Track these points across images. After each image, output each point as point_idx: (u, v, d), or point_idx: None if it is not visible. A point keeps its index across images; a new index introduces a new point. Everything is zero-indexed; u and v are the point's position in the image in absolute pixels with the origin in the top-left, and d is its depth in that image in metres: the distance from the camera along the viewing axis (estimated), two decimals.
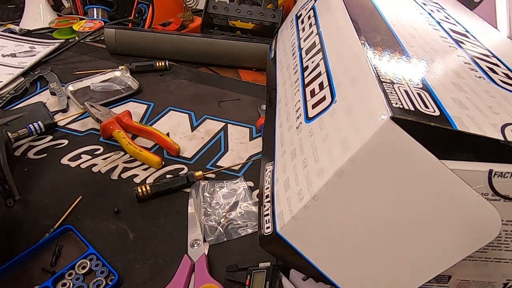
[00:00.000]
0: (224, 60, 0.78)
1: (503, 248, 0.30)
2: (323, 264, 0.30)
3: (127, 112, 0.60)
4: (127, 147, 0.55)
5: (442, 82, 0.31)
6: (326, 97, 0.34)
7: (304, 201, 0.28)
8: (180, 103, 0.67)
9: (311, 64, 0.42)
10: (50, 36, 0.89)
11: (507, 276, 0.33)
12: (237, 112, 0.65)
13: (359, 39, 0.36)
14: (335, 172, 0.27)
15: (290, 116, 0.40)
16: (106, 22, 0.90)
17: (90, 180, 0.51)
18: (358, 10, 0.43)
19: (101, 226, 0.45)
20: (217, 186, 0.50)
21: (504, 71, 0.36)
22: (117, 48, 0.79)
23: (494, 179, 0.26)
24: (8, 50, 0.82)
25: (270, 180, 0.36)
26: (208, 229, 0.44)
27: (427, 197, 0.26)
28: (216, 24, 0.86)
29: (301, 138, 0.35)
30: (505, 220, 0.28)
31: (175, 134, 0.60)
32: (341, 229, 0.29)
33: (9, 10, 1.03)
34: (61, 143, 0.57)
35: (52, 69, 0.74)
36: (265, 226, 0.32)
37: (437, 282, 0.34)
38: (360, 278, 0.30)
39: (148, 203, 0.48)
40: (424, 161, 0.25)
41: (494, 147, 0.25)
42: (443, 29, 0.44)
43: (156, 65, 0.75)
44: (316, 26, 0.48)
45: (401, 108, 0.25)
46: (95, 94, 0.68)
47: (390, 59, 0.33)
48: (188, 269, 0.39)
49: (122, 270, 0.40)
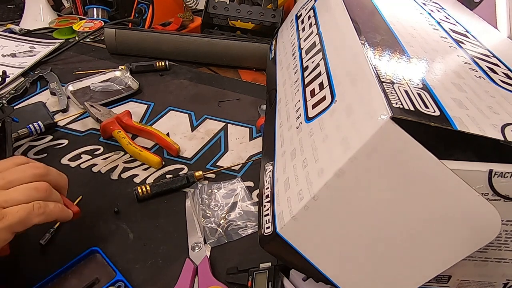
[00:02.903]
0: (224, 60, 0.78)
1: (503, 248, 0.30)
2: (323, 264, 0.30)
3: (127, 112, 0.60)
4: (127, 147, 0.55)
5: (442, 82, 0.31)
6: (326, 97, 0.34)
7: (304, 201, 0.28)
8: (180, 103, 0.67)
9: (311, 64, 0.42)
10: (50, 36, 0.89)
11: (507, 276, 0.33)
12: (237, 112, 0.65)
13: (359, 39, 0.36)
14: (335, 172, 0.27)
15: (290, 116, 0.40)
16: (106, 22, 0.90)
17: (90, 180, 0.51)
18: (358, 10, 0.43)
19: (101, 226, 0.45)
20: (214, 187, 0.50)
21: (504, 71, 0.36)
22: (117, 48, 0.79)
23: (494, 179, 0.26)
24: (8, 50, 0.82)
25: (270, 180, 0.36)
26: (208, 231, 0.44)
27: (427, 197, 0.26)
28: (216, 24, 0.86)
29: (301, 138, 0.35)
30: (505, 220, 0.28)
31: (175, 134, 0.60)
32: (341, 229, 0.29)
33: (9, 10, 1.03)
34: (61, 143, 0.57)
35: (52, 69, 0.74)
36: (265, 226, 0.32)
37: (437, 282, 0.34)
38: (360, 278, 0.30)
39: (148, 203, 0.48)
40: (424, 161, 0.25)
41: (494, 147, 0.25)
42: (443, 29, 0.44)
43: (156, 65, 0.75)
44: (316, 26, 0.48)
45: (401, 108, 0.25)
46: (95, 94, 0.68)
47: (390, 59, 0.33)
48: (191, 272, 0.39)
49: (122, 270, 0.40)
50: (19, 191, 0.35)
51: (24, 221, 0.34)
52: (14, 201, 0.34)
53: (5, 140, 0.49)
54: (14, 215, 0.33)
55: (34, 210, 0.34)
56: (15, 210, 0.33)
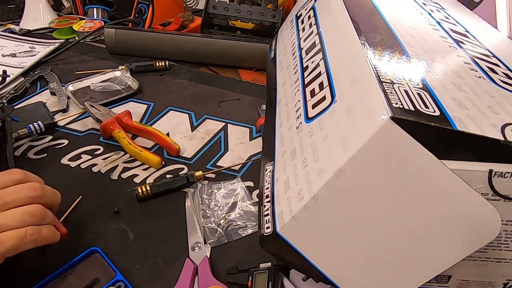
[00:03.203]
0: (224, 60, 0.78)
1: (503, 248, 0.30)
2: (323, 264, 0.30)
3: (127, 112, 0.60)
4: (127, 147, 0.55)
5: (442, 82, 0.31)
6: (326, 97, 0.34)
7: (304, 201, 0.28)
8: (180, 103, 0.67)
9: (311, 64, 0.42)
10: (50, 36, 0.89)
11: (507, 276, 0.33)
12: (237, 112, 0.65)
13: (359, 39, 0.36)
14: (335, 172, 0.27)
15: (290, 116, 0.40)
16: (106, 22, 0.90)
17: (90, 180, 0.51)
18: (358, 10, 0.43)
19: (101, 226, 0.45)
20: (214, 187, 0.50)
21: (504, 71, 0.36)
22: (117, 48, 0.79)
23: (494, 179, 0.26)
24: (8, 50, 0.82)
25: (270, 180, 0.36)
26: (208, 231, 0.44)
27: (427, 197, 0.26)
28: (216, 24, 0.86)
29: (301, 138, 0.35)
30: (505, 220, 0.28)
31: (175, 134, 0.60)
32: (341, 229, 0.29)
33: (9, 10, 1.03)
34: (61, 143, 0.57)
35: (52, 69, 0.74)
36: (265, 226, 0.32)
37: (437, 282, 0.34)
38: (360, 278, 0.30)
39: (148, 203, 0.48)
40: (424, 161, 0.25)
41: (494, 147, 0.25)
42: (443, 29, 0.44)
43: (156, 65, 0.75)
44: (316, 26, 0.48)
45: (401, 108, 0.25)
46: (95, 94, 0.68)
47: (390, 59, 0.33)
48: (191, 272, 0.39)
49: (122, 270, 0.40)
50: (13, 216, 0.34)
51: (16, 248, 0.34)
52: (7, 227, 0.34)
53: (5, 139, 0.49)
54: (6, 243, 0.33)
55: (27, 237, 0.34)
56: (7, 237, 0.33)
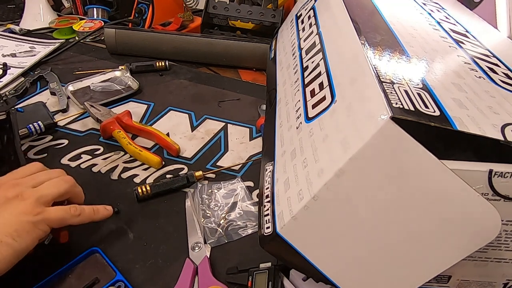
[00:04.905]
0: (224, 60, 0.78)
1: (503, 248, 0.30)
2: (323, 264, 0.30)
3: (127, 112, 0.60)
4: (127, 147, 0.55)
5: (442, 82, 0.31)
6: (326, 97, 0.34)
7: (304, 201, 0.28)
8: (180, 103, 0.67)
9: (311, 64, 0.42)
10: (50, 36, 0.89)
11: (507, 276, 0.33)
12: (237, 112, 0.65)
13: (359, 39, 0.36)
14: (335, 172, 0.27)
15: (290, 116, 0.40)
16: (106, 22, 0.90)
17: (90, 180, 0.51)
18: (358, 10, 0.43)
19: (101, 226, 0.45)
20: (214, 187, 0.50)
21: (504, 71, 0.36)
22: (117, 48, 0.79)
23: (494, 179, 0.26)
24: (8, 50, 0.82)
25: (270, 180, 0.36)
26: (208, 231, 0.44)
27: (427, 197, 0.26)
28: (216, 24, 0.86)
29: (301, 138, 0.35)
30: (505, 220, 0.28)
31: (175, 134, 0.60)
32: (341, 229, 0.29)
33: (9, 10, 1.03)
34: (61, 143, 0.57)
35: (52, 69, 0.74)
36: (265, 226, 0.32)
37: (437, 282, 0.34)
38: (360, 278, 0.30)
39: (148, 203, 0.48)
40: (424, 161, 0.25)
41: (494, 147, 0.25)
42: (443, 29, 0.44)
43: (156, 65, 0.75)
44: (316, 26, 0.48)
45: (401, 108, 0.25)
46: (95, 94, 0.68)
47: (390, 59, 0.33)
48: (191, 272, 0.39)
49: (122, 270, 0.40)
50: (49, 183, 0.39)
51: (62, 220, 0.38)
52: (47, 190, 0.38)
53: (11, 131, 0.49)
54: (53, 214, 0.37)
55: (71, 211, 0.39)
56: (54, 210, 0.38)
